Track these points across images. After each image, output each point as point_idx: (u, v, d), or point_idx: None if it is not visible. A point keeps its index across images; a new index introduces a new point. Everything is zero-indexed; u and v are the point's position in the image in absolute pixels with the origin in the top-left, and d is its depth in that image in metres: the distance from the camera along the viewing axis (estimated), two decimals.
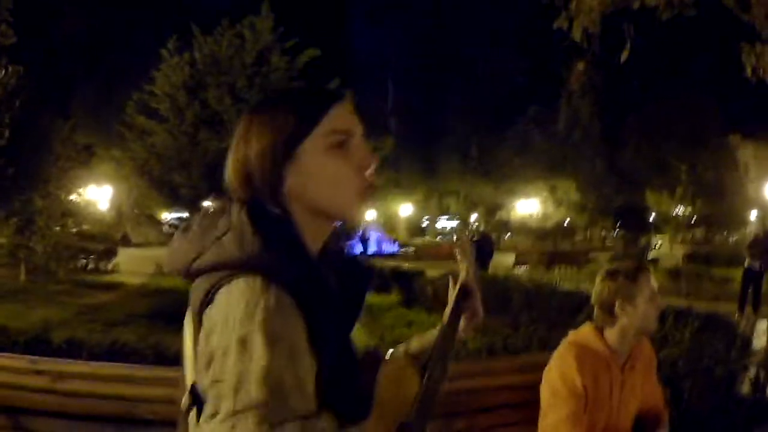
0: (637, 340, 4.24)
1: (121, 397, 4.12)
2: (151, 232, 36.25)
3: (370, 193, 2.06)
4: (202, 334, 1.78)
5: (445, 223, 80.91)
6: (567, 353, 4.13)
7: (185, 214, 28.16)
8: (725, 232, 57.28)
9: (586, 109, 61.41)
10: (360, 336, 2.06)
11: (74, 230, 32.43)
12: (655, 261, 39.74)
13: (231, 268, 1.81)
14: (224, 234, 1.86)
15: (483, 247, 25.46)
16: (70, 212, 28.70)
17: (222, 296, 1.78)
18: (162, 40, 26.06)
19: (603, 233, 68.12)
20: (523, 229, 62.80)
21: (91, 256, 33.05)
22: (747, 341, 10.67)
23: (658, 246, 49.38)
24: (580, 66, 55.69)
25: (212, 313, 1.78)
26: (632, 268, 4.22)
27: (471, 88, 67.64)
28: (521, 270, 33.85)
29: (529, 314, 14.88)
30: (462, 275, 2.60)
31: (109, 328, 14.65)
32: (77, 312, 18.24)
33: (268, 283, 1.75)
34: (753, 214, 53.56)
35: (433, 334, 2.55)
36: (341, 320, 2.01)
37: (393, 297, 21.44)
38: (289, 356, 1.69)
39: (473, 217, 72.02)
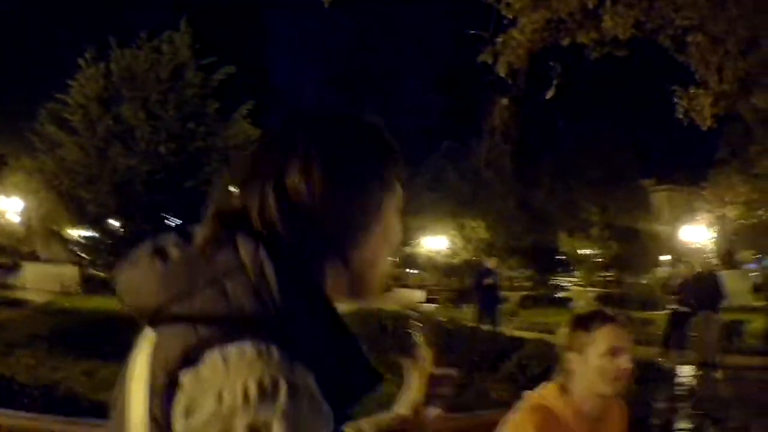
0: (606, 400, 3.63)
1: None
2: (59, 249, 35.66)
3: None
4: (179, 406, 1.29)
5: None
6: (525, 417, 3.52)
7: (91, 232, 27.41)
8: (636, 275, 57.99)
9: (502, 147, 61.95)
10: None
11: None
12: (566, 301, 40.16)
13: (232, 326, 1.33)
14: (228, 275, 1.38)
15: None
16: None
17: (215, 360, 1.30)
18: (82, 50, 25.49)
19: (510, 272, 68.68)
20: (430, 264, 62.89)
21: None
22: (679, 388, 10.42)
23: (567, 286, 49.87)
24: (504, 102, 55.97)
25: (196, 380, 1.30)
26: (589, 316, 3.66)
27: (386, 120, 67.72)
28: (431, 307, 33.69)
29: (447, 356, 14.41)
30: (424, 361, 2.33)
31: (7, 350, 13.91)
32: None
33: (291, 359, 1.31)
34: (665, 257, 54.64)
35: (384, 419, 2.25)
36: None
37: None
38: None
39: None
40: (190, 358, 1.31)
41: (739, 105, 16.32)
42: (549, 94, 16.30)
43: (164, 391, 1.32)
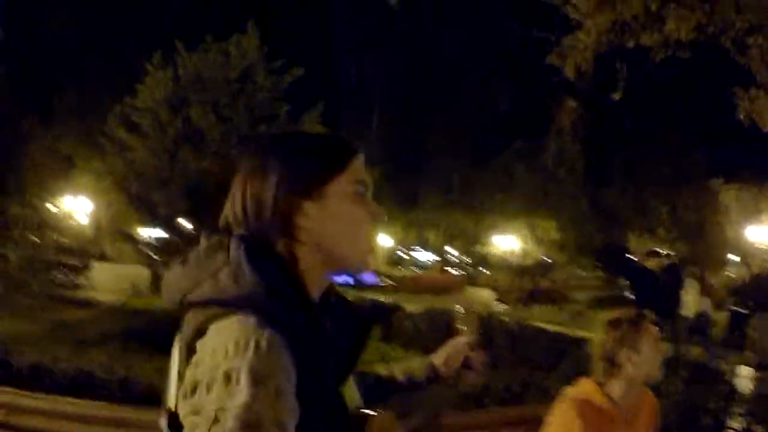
0: (640, 391, 4.03)
1: None
2: (128, 249, 36.17)
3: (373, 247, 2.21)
4: (191, 364, 1.80)
5: (418, 254, 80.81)
6: (569, 409, 3.87)
7: (162, 233, 27.70)
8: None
9: (573, 147, 61.45)
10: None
11: (51, 243, 32.19)
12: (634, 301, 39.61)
13: (225, 305, 1.84)
14: (221, 269, 1.89)
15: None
16: (48, 223, 28.37)
17: (213, 331, 1.81)
18: (149, 53, 25.70)
19: (581, 272, 67.85)
20: (502, 264, 62.88)
21: (67, 271, 32.75)
22: (733, 389, 10.53)
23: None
24: (571, 103, 55.93)
25: (202, 345, 1.80)
26: (634, 315, 4.07)
27: (456, 119, 67.42)
28: (501, 307, 33.58)
29: (511, 355, 14.56)
30: (463, 346, 2.83)
31: (81, 348, 14.24)
32: (48, 328, 17.94)
33: (263, 323, 1.78)
34: (733, 257, 53.83)
35: (415, 365, 2.92)
36: (333, 371, 2.01)
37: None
38: (273, 398, 1.65)
39: (450, 249, 71.90)
40: (201, 331, 1.84)
41: None
42: (616, 95, 16.40)
43: (186, 357, 1.86)
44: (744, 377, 16.05)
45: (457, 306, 2.82)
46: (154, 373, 8.37)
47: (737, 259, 42.19)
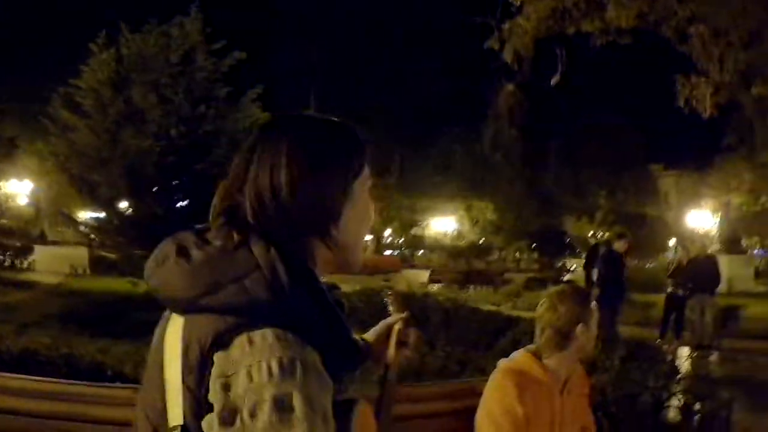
0: (574, 363, 4.16)
1: (30, 414, 3.83)
2: (69, 231, 35.97)
3: None
4: (216, 383, 1.61)
5: None
6: (505, 381, 3.94)
7: (102, 214, 27.49)
8: (642, 259, 57.72)
9: (510, 132, 61.87)
10: None
11: None
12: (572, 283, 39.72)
13: (253, 315, 1.65)
14: (247, 274, 1.67)
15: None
16: None
17: (243, 345, 1.63)
18: (93, 34, 25.50)
19: (517, 254, 68.40)
20: (438, 246, 63.07)
21: (8, 253, 32.60)
22: (672, 368, 10.72)
23: (573, 269, 49.57)
24: (509, 88, 56.18)
25: (228, 361, 1.62)
26: (585, 291, 4.25)
27: (394, 103, 67.55)
28: (435, 288, 33.59)
29: (447, 334, 14.59)
30: (395, 327, 2.55)
31: (23, 329, 14.20)
32: None
33: (302, 340, 1.65)
34: (672, 242, 54.37)
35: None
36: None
37: None
38: (324, 425, 1.58)
39: (387, 231, 72.20)
40: (221, 342, 1.62)
41: (740, 95, 16.49)
42: (554, 80, 16.50)
43: (197, 367, 1.65)
44: (681, 357, 16.32)
45: (385, 284, 2.78)
46: (97, 354, 8.36)
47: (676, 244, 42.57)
